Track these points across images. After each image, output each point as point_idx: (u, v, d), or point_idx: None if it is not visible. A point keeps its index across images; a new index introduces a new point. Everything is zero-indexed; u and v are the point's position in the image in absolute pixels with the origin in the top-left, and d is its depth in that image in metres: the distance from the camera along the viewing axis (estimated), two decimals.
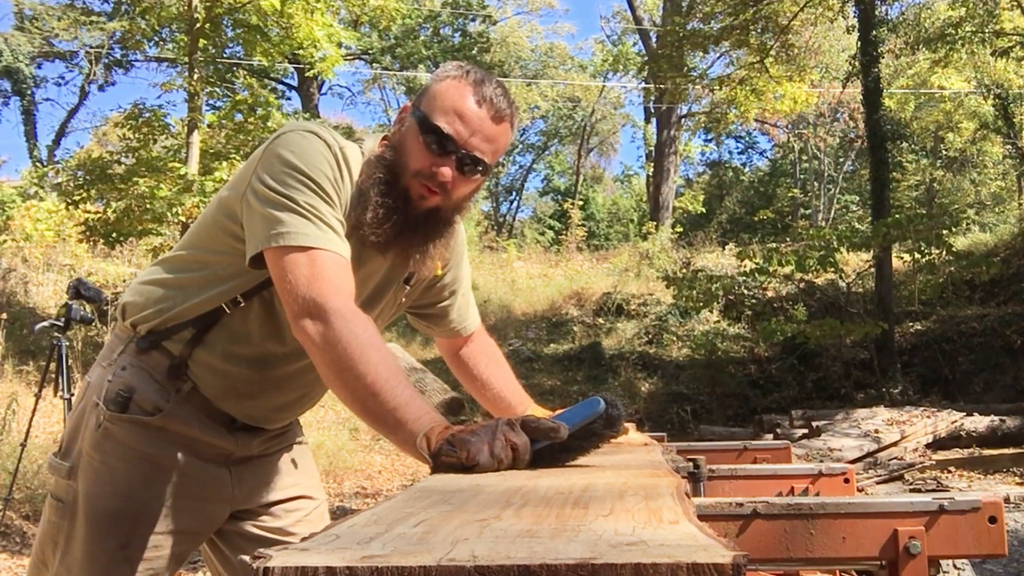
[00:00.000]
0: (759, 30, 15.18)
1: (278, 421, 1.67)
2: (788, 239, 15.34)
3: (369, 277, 1.54)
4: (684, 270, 14.96)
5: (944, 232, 11.17)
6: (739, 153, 34.15)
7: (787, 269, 11.13)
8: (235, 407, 1.58)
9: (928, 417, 8.68)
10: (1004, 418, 9.27)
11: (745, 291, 13.23)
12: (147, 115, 10.47)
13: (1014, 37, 13.53)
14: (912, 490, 6.77)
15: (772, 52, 15.15)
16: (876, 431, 8.02)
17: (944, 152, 23.03)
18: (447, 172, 1.41)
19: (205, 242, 1.54)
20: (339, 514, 4.78)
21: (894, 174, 13.11)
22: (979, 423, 9.14)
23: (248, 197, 1.39)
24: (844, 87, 16.68)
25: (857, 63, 12.79)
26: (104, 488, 1.50)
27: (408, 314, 1.81)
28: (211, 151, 10.75)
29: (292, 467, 1.73)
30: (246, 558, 0.64)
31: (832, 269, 11.16)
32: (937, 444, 8.75)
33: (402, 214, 1.43)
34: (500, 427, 1.15)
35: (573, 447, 1.21)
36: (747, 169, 31.66)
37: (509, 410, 1.75)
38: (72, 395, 4.70)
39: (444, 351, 1.89)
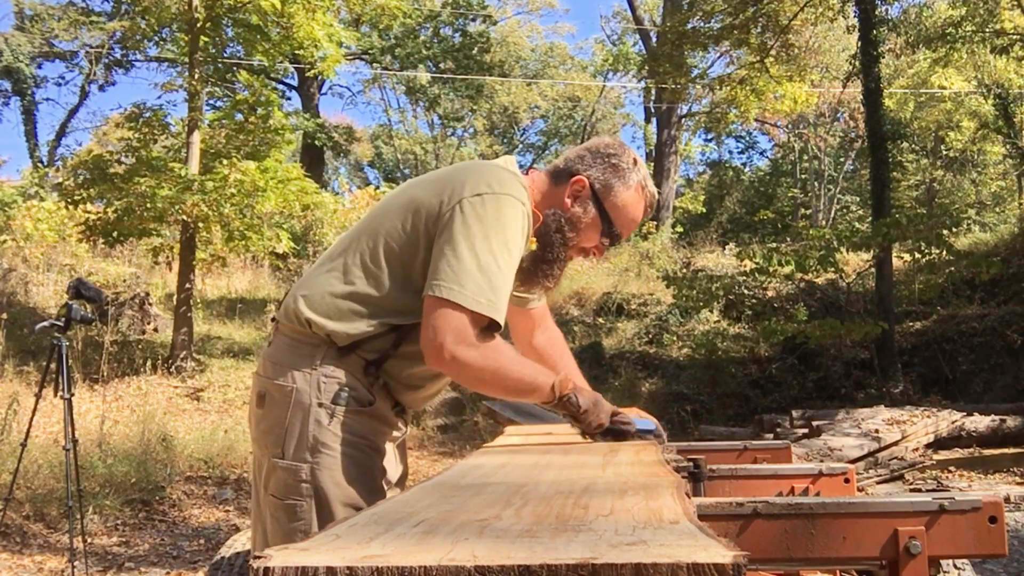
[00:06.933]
0: (759, 29, 15.16)
1: (423, 405, 1.93)
2: (788, 239, 15.34)
3: None
4: (684, 270, 14.95)
5: (944, 232, 11.16)
6: (739, 153, 34.24)
7: (787, 269, 11.11)
8: (408, 395, 1.80)
9: (928, 417, 8.67)
10: (1004, 418, 9.25)
11: (745, 291, 13.21)
12: (147, 115, 10.46)
13: (1014, 36, 13.52)
14: (912, 490, 6.76)
15: (772, 52, 15.13)
16: (876, 431, 8.00)
17: (944, 152, 23.00)
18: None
19: (406, 256, 1.69)
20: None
21: (894, 174, 13.06)
22: (979, 423, 9.13)
23: (443, 241, 1.63)
24: (844, 87, 16.66)
25: (857, 63, 12.76)
26: (349, 473, 1.67)
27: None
28: (211, 151, 10.73)
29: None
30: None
31: (832, 269, 11.15)
32: (937, 444, 8.74)
33: None
34: (606, 407, 1.81)
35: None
36: (747, 169, 31.64)
37: None
38: (72, 395, 4.67)
39: (520, 337, 2.19)
